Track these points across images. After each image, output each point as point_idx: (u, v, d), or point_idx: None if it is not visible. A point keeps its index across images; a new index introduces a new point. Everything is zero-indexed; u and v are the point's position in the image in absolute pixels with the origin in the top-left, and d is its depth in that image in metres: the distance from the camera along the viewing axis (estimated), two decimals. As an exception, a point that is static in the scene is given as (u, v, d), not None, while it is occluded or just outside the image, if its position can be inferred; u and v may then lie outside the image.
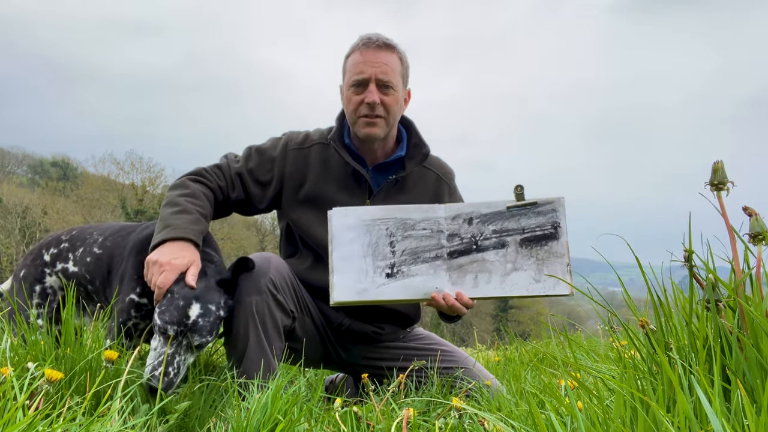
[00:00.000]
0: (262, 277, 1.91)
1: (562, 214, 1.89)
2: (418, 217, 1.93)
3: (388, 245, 1.91)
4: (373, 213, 1.93)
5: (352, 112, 2.12)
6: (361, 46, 2.10)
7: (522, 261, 1.87)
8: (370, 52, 2.08)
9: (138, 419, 1.31)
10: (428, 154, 2.24)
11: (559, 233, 1.87)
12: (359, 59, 2.09)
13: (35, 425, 1.05)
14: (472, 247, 1.91)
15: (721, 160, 1.16)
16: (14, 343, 1.65)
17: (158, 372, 1.65)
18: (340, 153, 2.17)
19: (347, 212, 1.93)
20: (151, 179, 32.11)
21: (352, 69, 2.10)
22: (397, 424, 1.32)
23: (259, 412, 1.34)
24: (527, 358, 3.07)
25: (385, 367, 2.22)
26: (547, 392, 1.57)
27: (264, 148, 2.23)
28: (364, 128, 2.10)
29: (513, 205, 1.93)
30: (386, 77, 2.07)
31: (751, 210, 1.13)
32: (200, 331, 1.74)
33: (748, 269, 1.12)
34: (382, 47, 2.08)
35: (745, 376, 1.02)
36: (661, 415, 0.91)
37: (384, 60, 2.08)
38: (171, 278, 1.77)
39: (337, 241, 1.90)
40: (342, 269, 1.88)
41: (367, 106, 2.07)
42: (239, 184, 2.17)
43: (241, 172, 2.17)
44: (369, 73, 2.06)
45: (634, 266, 1.19)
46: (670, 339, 1.16)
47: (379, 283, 1.87)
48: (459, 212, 1.94)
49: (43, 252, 2.27)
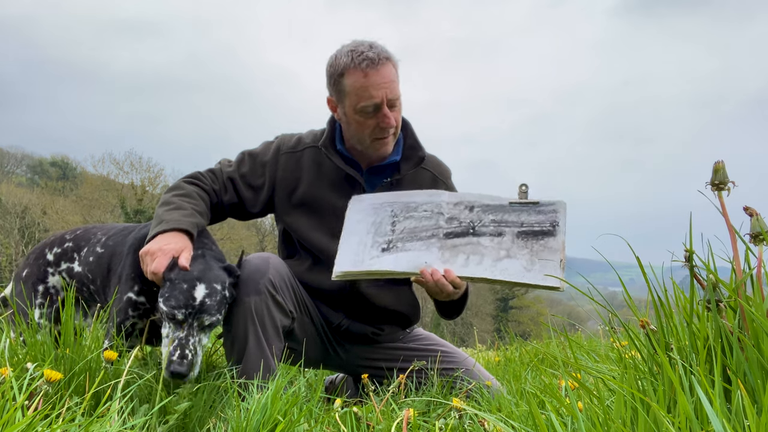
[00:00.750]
0: (261, 277, 1.91)
1: (562, 216, 1.90)
2: (422, 200, 2.03)
3: (389, 224, 2.00)
4: (382, 198, 2.07)
5: (366, 136, 2.06)
6: (363, 67, 1.96)
7: (516, 250, 1.87)
8: (375, 73, 1.97)
9: (137, 420, 1.31)
10: (424, 157, 2.22)
11: (556, 231, 1.87)
12: (365, 83, 1.97)
13: (34, 426, 1.05)
14: (469, 230, 1.93)
15: (721, 160, 1.15)
16: (13, 344, 1.65)
17: (176, 357, 1.66)
18: (332, 159, 2.14)
19: (363, 198, 2.09)
20: (151, 179, 32.04)
21: (359, 93, 1.98)
22: (397, 424, 1.32)
23: (259, 412, 1.34)
24: (527, 359, 3.06)
25: (385, 368, 2.21)
26: (547, 393, 1.57)
27: (256, 152, 2.23)
28: (381, 150, 2.10)
29: (516, 201, 1.96)
30: (394, 94, 2.01)
31: (751, 210, 1.13)
32: (209, 311, 1.75)
33: (748, 269, 1.12)
34: (382, 62, 1.98)
35: (746, 377, 1.01)
36: (662, 415, 0.91)
37: (388, 77, 1.99)
38: (163, 263, 1.77)
39: (348, 222, 2.04)
40: (346, 243, 1.99)
41: (384, 129, 2.04)
42: (231, 188, 2.18)
43: (233, 176, 2.18)
44: (380, 97, 1.98)
45: (634, 266, 1.19)
46: (671, 339, 1.16)
47: (374, 255, 1.93)
48: (462, 199, 2.01)
49: (46, 251, 2.27)
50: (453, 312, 2.14)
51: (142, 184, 31.70)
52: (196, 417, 1.51)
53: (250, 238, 33.66)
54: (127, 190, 31.89)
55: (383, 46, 2.04)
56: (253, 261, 1.96)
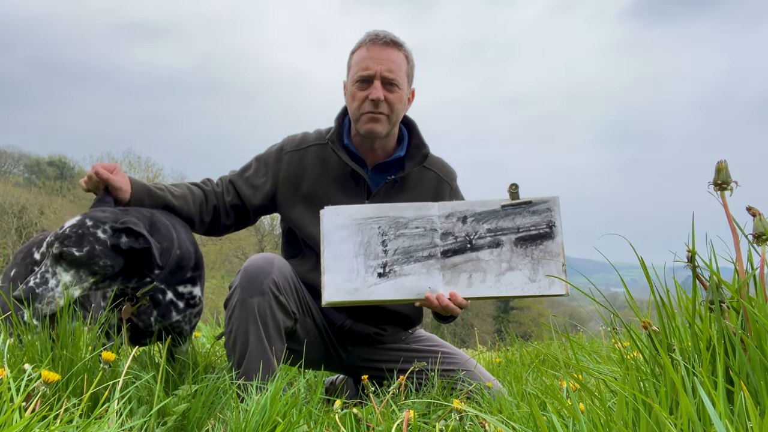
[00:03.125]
0: (264, 278, 1.90)
1: (557, 213, 1.87)
2: (411, 216, 1.91)
3: (380, 244, 1.88)
4: (364, 211, 1.91)
5: (356, 109, 2.11)
6: (368, 42, 2.08)
7: (517, 260, 1.85)
8: (377, 48, 2.07)
9: (136, 421, 1.30)
10: (428, 155, 2.22)
11: (554, 232, 1.85)
12: (365, 55, 2.07)
13: (32, 427, 1.04)
14: (467, 246, 1.89)
15: (724, 160, 1.15)
16: (11, 345, 1.65)
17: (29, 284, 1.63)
18: (338, 153, 2.16)
19: (338, 211, 1.92)
20: (150, 179, 31.93)
21: (358, 64, 2.08)
22: (397, 426, 1.31)
23: (258, 413, 1.33)
24: (529, 360, 3.06)
25: (385, 369, 2.21)
26: (548, 394, 1.56)
27: (262, 155, 2.30)
28: (367, 124, 2.10)
29: (508, 203, 1.91)
30: (392, 75, 2.06)
31: (755, 210, 1.12)
32: (63, 239, 1.68)
33: (751, 270, 1.11)
34: (389, 44, 2.08)
35: (749, 378, 1.01)
36: (664, 417, 0.90)
37: (390, 57, 2.07)
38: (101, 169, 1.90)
39: (328, 241, 1.89)
40: (333, 269, 1.86)
41: (371, 102, 2.06)
42: (233, 190, 2.24)
43: (234, 179, 2.26)
44: (375, 70, 2.05)
45: (636, 267, 1.18)
46: (673, 340, 1.15)
47: (371, 282, 1.86)
48: (453, 210, 1.92)
49: (33, 251, 2.25)
50: (449, 317, 2.13)
51: (140, 183, 31.60)
52: (195, 418, 1.50)
53: (249, 238, 33.62)
54: (125, 189, 31.75)
55: (399, 37, 2.12)
56: (257, 261, 1.95)
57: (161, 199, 2.04)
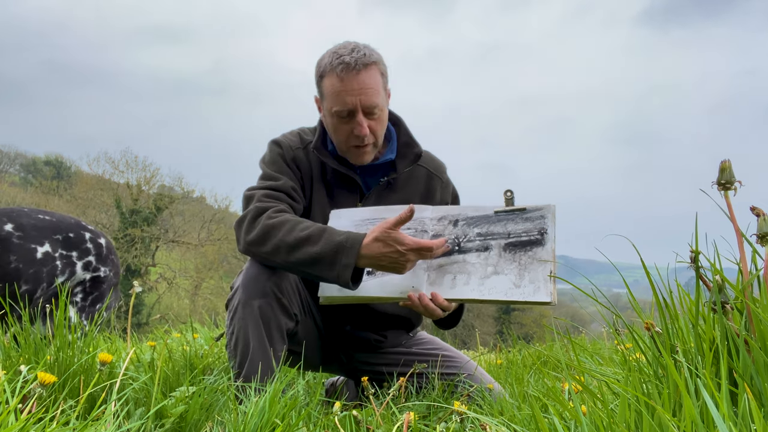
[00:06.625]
0: (267, 279, 1.89)
1: (550, 221, 1.83)
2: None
3: None
4: (363, 214, 1.99)
5: (341, 142, 2.03)
6: (339, 72, 1.91)
7: (504, 265, 1.81)
8: (351, 77, 1.91)
9: (133, 423, 1.29)
10: (420, 154, 2.18)
11: (545, 240, 1.81)
12: (339, 88, 1.92)
13: (28, 429, 1.03)
14: (454, 248, 1.88)
15: (728, 160, 1.13)
16: (6, 346, 1.64)
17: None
18: (326, 161, 2.10)
19: (341, 214, 2.01)
20: (147, 179, 31.72)
21: (334, 98, 1.94)
22: (397, 428, 1.30)
23: (257, 416, 1.32)
24: (530, 361, 3.04)
25: (385, 372, 2.20)
26: (550, 396, 1.55)
27: (271, 160, 2.11)
28: (357, 158, 2.05)
29: (501, 209, 1.89)
30: (372, 101, 1.94)
31: (758, 210, 1.11)
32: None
33: (755, 270, 1.10)
34: (362, 68, 1.92)
35: (753, 380, 1.00)
36: (667, 419, 0.89)
37: (367, 83, 1.92)
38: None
39: None
40: None
41: (357, 138, 1.98)
42: (287, 198, 2.03)
43: (284, 188, 2.03)
44: (353, 104, 1.92)
45: (638, 267, 1.17)
46: (676, 341, 1.14)
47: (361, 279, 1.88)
48: (446, 214, 1.94)
49: None
50: (448, 324, 2.11)
51: (137, 183, 31.25)
52: (193, 420, 1.49)
53: (250, 239, 33.57)
54: (122, 189, 31.48)
55: (370, 51, 1.97)
56: (260, 263, 1.94)
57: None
